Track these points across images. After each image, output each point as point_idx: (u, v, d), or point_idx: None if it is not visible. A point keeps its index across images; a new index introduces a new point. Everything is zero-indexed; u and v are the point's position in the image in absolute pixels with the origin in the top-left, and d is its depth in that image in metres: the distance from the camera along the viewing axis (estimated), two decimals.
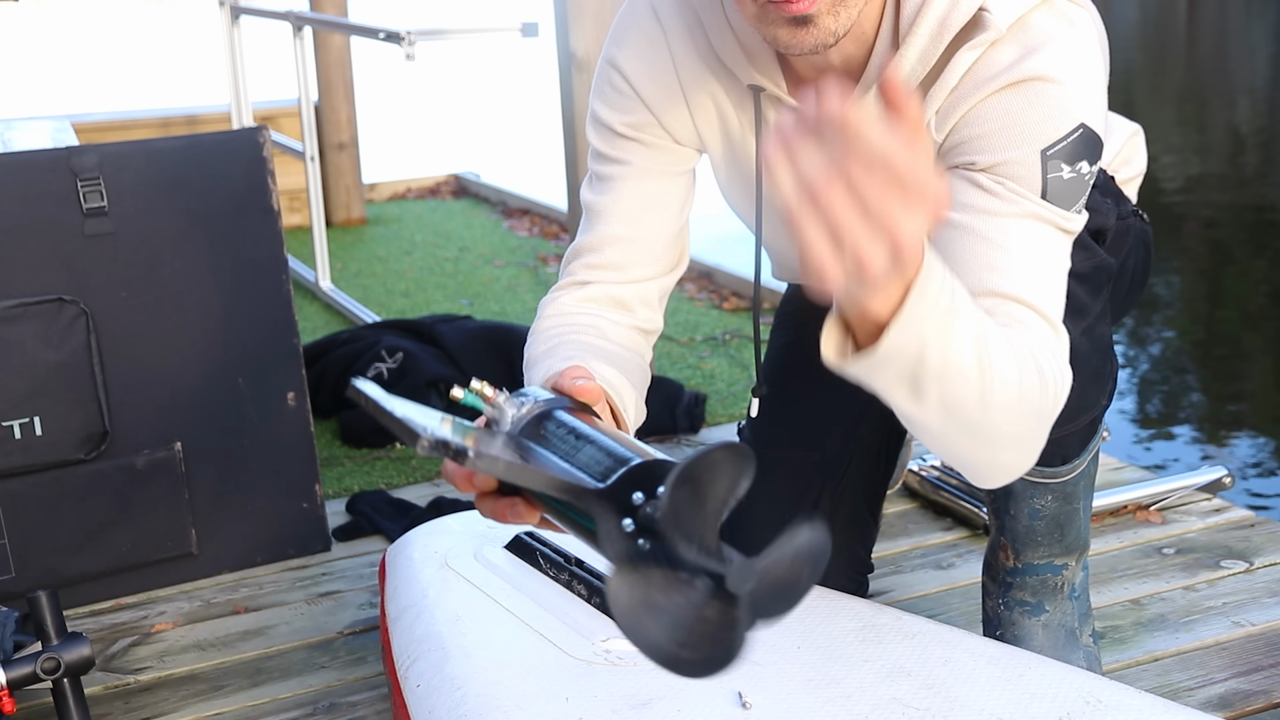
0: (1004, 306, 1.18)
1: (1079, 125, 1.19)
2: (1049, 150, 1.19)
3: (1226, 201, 6.75)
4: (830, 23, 1.16)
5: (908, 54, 1.23)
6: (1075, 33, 1.21)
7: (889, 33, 1.25)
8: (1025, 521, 1.56)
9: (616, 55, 1.41)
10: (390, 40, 3.03)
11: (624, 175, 1.41)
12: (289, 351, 2.12)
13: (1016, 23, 1.20)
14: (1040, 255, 1.21)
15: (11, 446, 1.94)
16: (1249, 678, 1.69)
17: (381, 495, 2.39)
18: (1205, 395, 4.14)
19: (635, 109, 1.40)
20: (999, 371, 1.06)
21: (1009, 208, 1.20)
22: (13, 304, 1.92)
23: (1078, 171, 1.20)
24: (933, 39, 1.22)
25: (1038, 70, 1.19)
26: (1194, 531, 2.11)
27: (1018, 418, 1.11)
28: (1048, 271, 1.21)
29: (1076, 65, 1.20)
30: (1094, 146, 1.21)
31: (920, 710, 1.21)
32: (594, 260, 1.40)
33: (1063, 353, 1.19)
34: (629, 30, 1.40)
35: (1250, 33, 16.22)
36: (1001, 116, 1.20)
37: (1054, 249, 1.22)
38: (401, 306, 3.89)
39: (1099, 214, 1.46)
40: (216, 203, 2.04)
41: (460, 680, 1.29)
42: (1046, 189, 1.20)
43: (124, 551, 2.04)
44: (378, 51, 4.05)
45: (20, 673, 1.52)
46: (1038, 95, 1.19)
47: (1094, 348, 1.42)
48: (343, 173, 5.05)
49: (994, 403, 1.07)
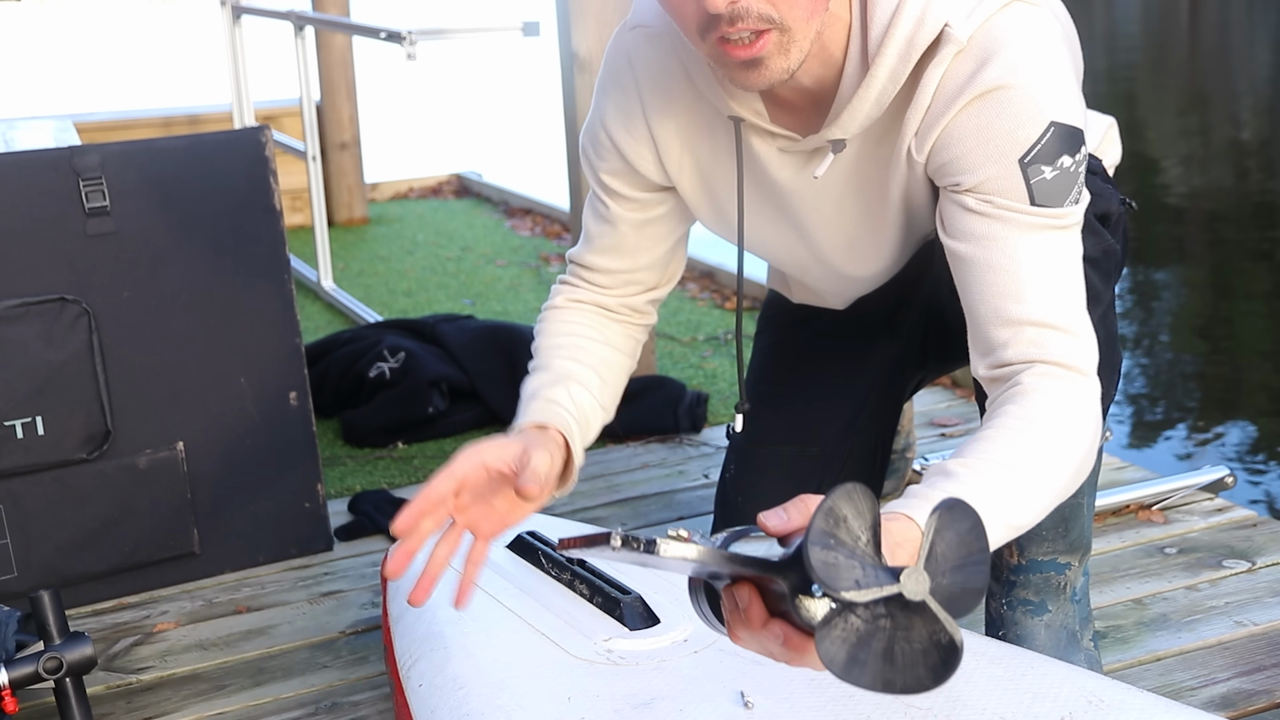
0: (1025, 335, 1.23)
1: (1049, 125, 1.21)
2: (1025, 158, 1.22)
3: (1228, 200, 6.74)
4: (781, 62, 1.20)
5: (878, 74, 1.26)
6: (1031, 32, 1.22)
7: (858, 53, 1.27)
8: None
9: (599, 105, 1.49)
10: (392, 40, 3.03)
11: (612, 219, 1.52)
12: (291, 351, 2.12)
13: (975, 32, 1.22)
14: (1048, 266, 1.23)
15: (14, 446, 1.94)
16: (1251, 677, 1.69)
17: (384, 495, 2.39)
18: (1206, 395, 4.14)
19: (611, 157, 1.48)
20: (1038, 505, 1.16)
21: (1004, 228, 1.23)
22: (15, 303, 1.92)
23: (1060, 168, 1.22)
24: (901, 58, 1.24)
25: (996, 79, 1.21)
26: (1196, 531, 2.11)
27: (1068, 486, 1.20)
28: (1059, 279, 1.23)
29: (1035, 65, 1.22)
30: (1070, 139, 1.23)
31: (923, 710, 1.21)
32: (585, 275, 1.55)
33: (1089, 391, 1.23)
34: (607, 80, 1.47)
35: (1252, 32, 16.21)
36: (974, 134, 1.23)
37: (1060, 251, 1.24)
38: (403, 306, 3.89)
39: (1103, 198, 1.47)
40: (218, 202, 2.04)
41: (462, 680, 1.29)
42: (1033, 194, 1.22)
43: (126, 551, 2.05)
44: (379, 51, 4.05)
45: (22, 672, 1.53)
46: (1002, 105, 1.22)
47: (1105, 336, 1.43)
48: (345, 172, 5.05)
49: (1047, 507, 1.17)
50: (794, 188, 1.43)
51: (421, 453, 2.65)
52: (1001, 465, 1.14)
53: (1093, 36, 15.55)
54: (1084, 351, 1.24)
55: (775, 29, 1.17)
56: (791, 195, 1.44)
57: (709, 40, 1.18)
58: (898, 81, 1.26)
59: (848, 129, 1.31)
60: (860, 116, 1.30)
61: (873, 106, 1.28)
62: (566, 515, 2.27)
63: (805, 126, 1.36)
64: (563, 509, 2.31)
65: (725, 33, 1.16)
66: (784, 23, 1.17)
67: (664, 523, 2.23)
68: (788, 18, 1.16)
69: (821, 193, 1.42)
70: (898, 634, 0.82)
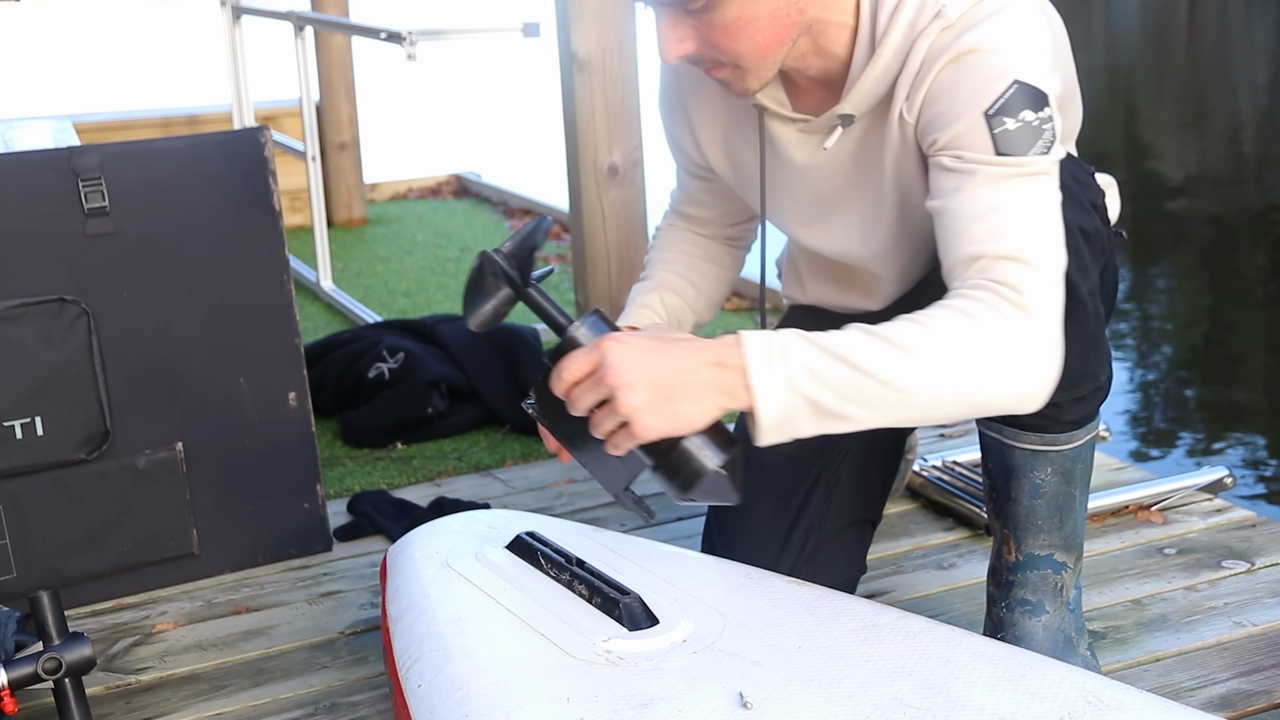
0: (976, 265, 1.31)
1: (1012, 82, 1.32)
2: (989, 110, 1.32)
3: (1227, 199, 6.74)
4: (741, 86, 1.41)
5: (884, 54, 1.39)
6: (1013, 13, 1.34)
7: (867, 39, 1.40)
8: (1026, 502, 1.59)
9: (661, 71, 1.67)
10: (391, 40, 3.03)
11: (684, 183, 1.77)
12: (290, 351, 2.12)
13: (965, 12, 1.36)
14: (1012, 208, 1.32)
15: (13, 447, 1.94)
16: (1250, 678, 1.69)
17: (383, 495, 2.39)
18: (1206, 395, 4.14)
19: (667, 135, 1.72)
20: (902, 357, 1.26)
21: (972, 180, 1.33)
22: (14, 304, 1.92)
23: (1022, 120, 1.32)
24: (905, 38, 1.38)
25: (971, 43, 1.33)
26: (1195, 532, 2.11)
27: (966, 372, 1.27)
28: (1024, 218, 1.32)
29: (1010, 33, 1.33)
30: (1033, 97, 1.33)
31: (922, 710, 1.21)
32: (682, 214, 1.80)
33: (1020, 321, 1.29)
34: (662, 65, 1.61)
35: (1251, 30, 16.21)
36: (948, 92, 1.36)
37: (1026, 195, 1.33)
38: (403, 306, 3.89)
39: (1090, 189, 1.54)
40: (218, 203, 2.04)
41: (461, 680, 1.29)
42: (997, 144, 1.33)
43: (125, 551, 2.05)
44: (379, 51, 4.05)
45: (22, 673, 1.53)
46: (973, 65, 1.34)
47: (1093, 313, 1.48)
48: (344, 173, 5.05)
49: (920, 378, 1.26)
50: (810, 164, 1.55)
51: (421, 453, 2.65)
52: (858, 331, 1.28)
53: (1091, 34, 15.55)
54: (1036, 279, 1.30)
55: (728, 66, 1.38)
56: (807, 171, 1.56)
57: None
58: (901, 58, 1.39)
59: (856, 105, 1.45)
60: (866, 93, 1.43)
61: (878, 83, 1.42)
62: (566, 516, 2.27)
63: (821, 108, 1.51)
64: (563, 509, 2.31)
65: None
66: (734, 61, 1.37)
67: (664, 522, 2.23)
68: (740, 58, 1.36)
69: (833, 166, 1.54)
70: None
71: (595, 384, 1.26)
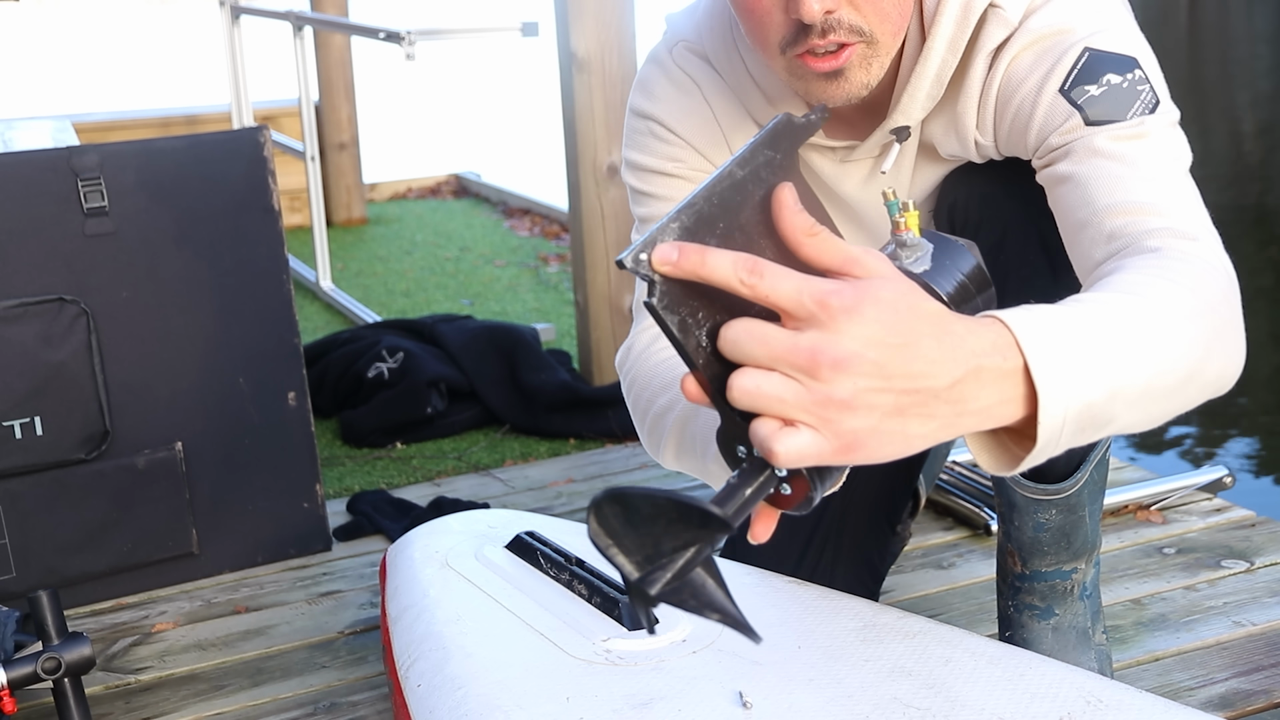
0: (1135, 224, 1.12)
1: (1084, 50, 1.20)
2: (1065, 87, 1.19)
3: (1228, 198, 6.74)
4: (862, 75, 1.18)
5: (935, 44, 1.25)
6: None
7: (915, 33, 1.26)
8: (1030, 534, 1.55)
9: (649, 108, 1.42)
10: (390, 40, 3.03)
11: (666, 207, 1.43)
12: (290, 351, 2.12)
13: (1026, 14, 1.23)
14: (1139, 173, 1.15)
15: (12, 446, 1.94)
16: (1250, 677, 1.69)
17: (382, 495, 2.39)
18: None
19: (680, 152, 1.41)
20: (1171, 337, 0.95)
21: (1076, 160, 1.18)
22: (13, 304, 1.92)
23: (1107, 84, 1.18)
24: (959, 25, 1.25)
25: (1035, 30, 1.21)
26: (1195, 531, 2.11)
27: (1213, 343, 1.04)
28: (1158, 182, 1.15)
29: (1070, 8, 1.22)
30: (1113, 62, 1.19)
31: (921, 710, 1.21)
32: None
33: (1228, 273, 1.12)
34: (657, 83, 1.42)
35: (1252, 25, 16.22)
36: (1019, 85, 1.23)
37: (1149, 157, 1.17)
38: (402, 306, 3.89)
39: None
40: (217, 202, 2.04)
41: (461, 680, 1.29)
42: (1086, 114, 1.18)
43: (125, 551, 2.04)
44: (378, 51, 4.05)
45: (21, 672, 1.53)
46: (1040, 52, 1.22)
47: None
48: (343, 172, 5.05)
49: (1186, 363, 0.98)
50: (860, 197, 1.41)
51: (420, 453, 2.65)
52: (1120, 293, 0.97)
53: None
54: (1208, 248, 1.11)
55: (863, 41, 1.16)
56: (858, 205, 1.43)
57: (789, 54, 1.16)
58: (956, 51, 1.25)
59: (910, 113, 1.30)
60: (921, 95, 1.29)
61: (933, 83, 1.28)
62: (566, 515, 2.27)
63: (861, 134, 1.36)
64: (563, 509, 2.31)
65: (814, 45, 1.14)
66: (873, 35, 1.16)
67: None
68: (877, 31, 1.16)
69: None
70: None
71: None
